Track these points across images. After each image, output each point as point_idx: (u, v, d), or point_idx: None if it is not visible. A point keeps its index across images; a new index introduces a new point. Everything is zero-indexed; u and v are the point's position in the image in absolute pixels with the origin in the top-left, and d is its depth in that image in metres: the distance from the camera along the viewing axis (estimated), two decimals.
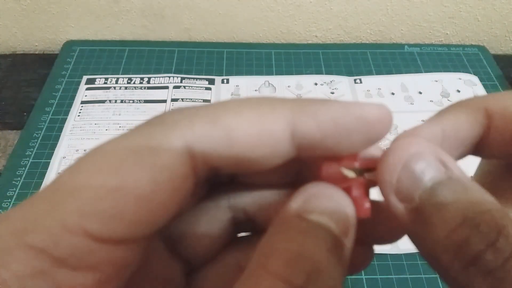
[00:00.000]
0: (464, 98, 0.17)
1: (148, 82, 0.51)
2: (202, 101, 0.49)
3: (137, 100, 0.49)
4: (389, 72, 0.54)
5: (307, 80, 0.52)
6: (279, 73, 0.54)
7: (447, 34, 0.62)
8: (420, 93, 0.51)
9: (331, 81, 0.52)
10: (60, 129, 0.46)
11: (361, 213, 0.14)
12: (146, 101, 0.49)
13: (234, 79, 0.52)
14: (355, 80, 0.53)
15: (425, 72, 0.54)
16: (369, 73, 0.54)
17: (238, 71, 0.54)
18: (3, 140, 0.46)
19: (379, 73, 0.54)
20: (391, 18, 0.60)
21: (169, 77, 0.52)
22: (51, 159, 0.43)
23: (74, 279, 0.12)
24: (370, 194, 0.15)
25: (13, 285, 0.11)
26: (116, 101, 0.49)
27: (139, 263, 0.14)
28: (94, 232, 0.12)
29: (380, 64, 0.55)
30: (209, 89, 0.51)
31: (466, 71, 0.54)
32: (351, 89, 0.52)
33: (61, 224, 0.12)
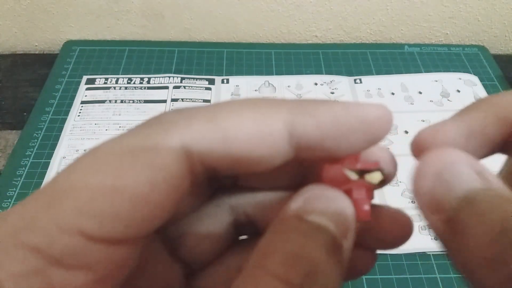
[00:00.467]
0: (490, 95, 0.16)
1: (148, 82, 0.51)
2: (202, 101, 0.49)
3: (137, 100, 0.49)
4: (389, 72, 0.54)
5: (307, 80, 0.52)
6: (279, 73, 0.54)
7: (447, 34, 0.62)
8: (420, 93, 0.51)
9: (331, 81, 0.52)
10: (60, 129, 0.46)
11: (361, 216, 0.14)
12: (146, 101, 0.49)
13: (234, 79, 0.52)
14: (355, 80, 0.53)
15: (425, 72, 0.54)
16: (369, 73, 0.54)
17: (238, 71, 0.54)
18: (3, 140, 0.46)
19: (379, 73, 0.54)
20: (391, 18, 0.60)
21: (169, 77, 0.52)
22: (51, 159, 0.43)
23: (69, 279, 0.12)
24: (372, 197, 0.15)
25: (8, 284, 0.11)
26: (116, 101, 0.49)
27: (136, 263, 0.14)
28: (90, 232, 0.12)
29: (380, 64, 0.55)
30: (209, 89, 0.51)
31: (466, 71, 0.54)
32: (351, 89, 0.52)
33: (56, 223, 0.12)
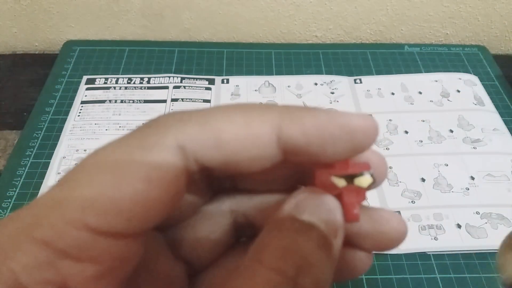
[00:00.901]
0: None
1: (148, 82, 0.51)
2: (202, 101, 0.49)
3: (137, 100, 0.49)
4: (389, 72, 0.54)
5: (307, 80, 0.52)
6: (279, 73, 0.54)
7: (447, 34, 0.62)
8: (420, 93, 0.51)
9: (331, 81, 0.52)
10: (60, 129, 0.46)
11: (350, 218, 0.15)
12: (146, 101, 0.49)
13: (234, 79, 0.52)
14: (355, 80, 0.53)
15: (425, 72, 0.54)
16: (369, 73, 0.54)
17: (238, 71, 0.54)
18: (3, 140, 0.46)
19: (379, 73, 0.54)
20: (391, 18, 0.60)
21: (169, 77, 0.52)
22: (51, 159, 0.43)
23: (78, 270, 0.13)
24: (364, 198, 0.15)
25: (21, 275, 0.13)
26: (116, 101, 0.49)
27: (140, 259, 0.15)
28: (94, 225, 0.13)
29: (380, 64, 0.55)
30: (209, 89, 0.51)
31: (466, 71, 0.54)
32: (351, 89, 0.52)
33: (64, 219, 0.13)
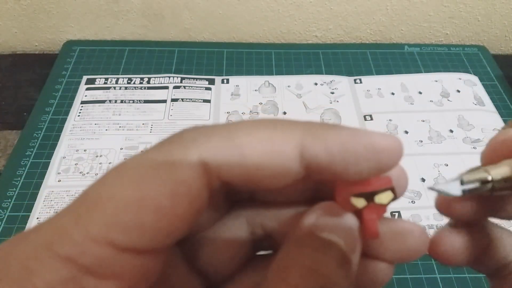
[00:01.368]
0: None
1: (148, 82, 0.51)
2: (202, 101, 0.49)
3: (137, 100, 0.49)
4: (389, 72, 0.54)
5: (307, 80, 0.52)
6: (279, 73, 0.54)
7: (447, 34, 0.62)
8: (420, 93, 0.51)
9: (331, 81, 0.52)
10: (60, 129, 0.46)
11: (370, 235, 0.15)
12: (146, 101, 0.49)
13: (234, 79, 0.52)
14: (355, 80, 0.53)
15: (425, 72, 0.54)
16: (369, 73, 0.54)
17: (238, 71, 0.54)
18: (3, 140, 0.46)
19: (379, 73, 0.54)
20: (391, 18, 0.60)
21: (169, 77, 0.52)
22: (51, 159, 0.43)
23: (100, 287, 0.13)
24: (385, 211, 0.15)
25: None
26: (116, 101, 0.49)
27: (159, 273, 0.15)
28: (118, 242, 0.13)
29: (380, 64, 0.55)
30: (209, 89, 0.51)
31: (466, 71, 0.54)
32: (351, 89, 0.52)
33: (87, 234, 0.13)
